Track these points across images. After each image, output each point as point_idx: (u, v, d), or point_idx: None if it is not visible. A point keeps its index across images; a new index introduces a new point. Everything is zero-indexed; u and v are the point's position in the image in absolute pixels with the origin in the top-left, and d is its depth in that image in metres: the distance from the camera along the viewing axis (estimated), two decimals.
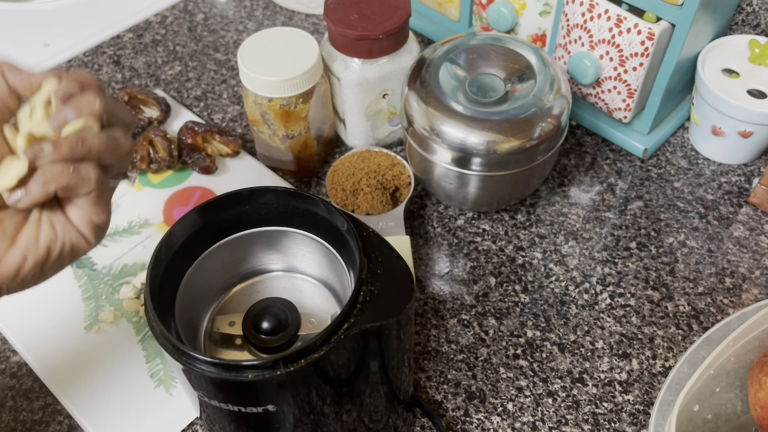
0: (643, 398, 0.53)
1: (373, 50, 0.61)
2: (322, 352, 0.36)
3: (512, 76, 0.59)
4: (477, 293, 0.60)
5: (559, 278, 0.60)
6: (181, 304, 0.43)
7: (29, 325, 0.58)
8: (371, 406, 0.44)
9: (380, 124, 0.68)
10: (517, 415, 0.53)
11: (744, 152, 0.67)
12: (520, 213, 0.65)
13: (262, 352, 0.44)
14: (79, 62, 0.80)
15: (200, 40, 0.83)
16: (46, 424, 0.53)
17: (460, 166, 0.58)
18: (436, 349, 0.56)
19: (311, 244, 0.46)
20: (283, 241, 0.47)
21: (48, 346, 0.57)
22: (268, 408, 0.38)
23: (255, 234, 0.46)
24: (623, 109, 0.67)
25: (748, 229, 0.63)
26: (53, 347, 0.57)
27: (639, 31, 0.61)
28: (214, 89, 0.77)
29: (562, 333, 0.57)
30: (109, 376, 0.55)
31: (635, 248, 0.62)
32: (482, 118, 0.56)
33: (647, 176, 0.68)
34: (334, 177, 0.64)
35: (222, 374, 0.36)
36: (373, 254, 0.41)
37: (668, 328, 0.57)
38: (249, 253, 0.47)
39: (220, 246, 0.45)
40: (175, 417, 0.53)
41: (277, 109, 0.61)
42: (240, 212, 0.45)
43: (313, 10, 0.85)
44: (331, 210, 0.42)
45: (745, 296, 0.59)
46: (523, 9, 0.70)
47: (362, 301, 0.38)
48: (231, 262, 0.47)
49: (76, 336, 0.57)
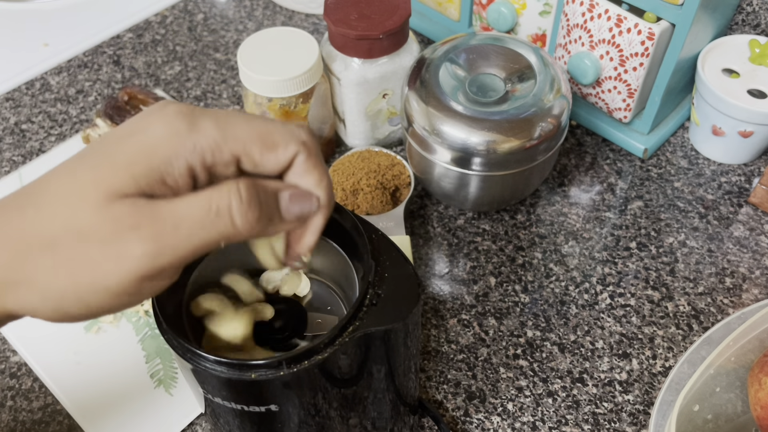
0: (643, 398, 0.53)
1: (373, 50, 0.61)
2: (327, 353, 0.36)
3: (512, 76, 0.59)
4: (477, 293, 0.60)
5: (559, 278, 0.60)
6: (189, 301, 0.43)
7: (29, 325, 0.58)
8: (376, 410, 0.44)
9: (380, 124, 0.68)
10: (517, 415, 0.53)
11: (744, 152, 0.67)
12: (520, 213, 0.65)
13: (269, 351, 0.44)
14: (79, 62, 0.80)
15: (200, 40, 0.83)
16: (46, 424, 0.53)
17: (460, 166, 0.58)
18: (436, 349, 0.56)
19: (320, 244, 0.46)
20: None
21: (48, 346, 0.57)
22: (270, 408, 0.38)
23: None
24: (623, 109, 0.67)
25: (748, 229, 0.64)
26: (53, 347, 0.57)
27: (639, 31, 0.61)
28: (214, 89, 0.77)
29: (562, 333, 0.57)
30: (109, 376, 0.55)
31: (635, 248, 0.62)
32: (482, 118, 0.56)
33: (647, 176, 0.68)
34: (334, 177, 0.64)
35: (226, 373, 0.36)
36: (381, 257, 0.40)
37: (668, 328, 0.57)
38: None
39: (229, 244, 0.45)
40: (175, 417, 0.53)
41: (277, 109, 0.61)
42: None
43: (313, 10, 0.85)
44: (340, 211, 0.42)
45: (745, 296, 0.59)
46: (523, 9, 0.70)
47: (368, 304, 0.38)
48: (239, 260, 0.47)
49: (76, 336, 0.57)
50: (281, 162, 0.33)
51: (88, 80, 0.78)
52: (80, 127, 0.74)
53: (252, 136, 0.32)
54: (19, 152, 0.71)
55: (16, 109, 0.76)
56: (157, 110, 0.31)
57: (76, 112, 0.75)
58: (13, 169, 0.70)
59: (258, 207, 0.31)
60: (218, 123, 0.31)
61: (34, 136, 0.73)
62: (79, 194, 0.29)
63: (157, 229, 0.29)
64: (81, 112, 0.75)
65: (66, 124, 0.74)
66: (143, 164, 0.30)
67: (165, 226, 0.30)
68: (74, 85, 0.78)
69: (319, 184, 0.34)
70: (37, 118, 0.75)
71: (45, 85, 0.78)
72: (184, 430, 0.52)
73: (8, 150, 0.71)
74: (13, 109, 0.76)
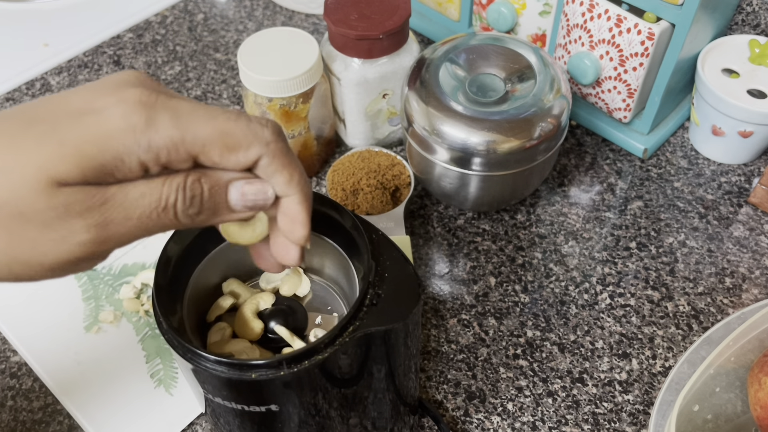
0: (643, 398, 0.53)
1: (373, 50, 0.61)
2: (327, 353, 0.36)
3: (512, 76, 0.59)
4: (477, 293, 0.60)
5: (559, 278, 0.60)
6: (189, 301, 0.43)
7: (29, 325, 0.58)
8: (376, 410, 0.44)
9: (380, 124, 0.68)
10: (517, 415, 0.53)
11: (744, 152, 0.67)
12: (520, 213, 0.65)
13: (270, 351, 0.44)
14: (79, 62, 0.80)
15: (200, 40, 0.83)
16: (46, 424, 0.53)
17: (460, 166, 0.58)
18: (436, 349, 0.56)
19: (321, 244, 0.46)
20: None
21: (48, 346, 0.57)
22: (271, 408, 0.38)
23: None
24: (623, 109, 0.67)
25: (748, 229, 0.64)
26: (53, 347, 0.57)
27: (639, 31, 0.61)
28: (214, 89, 0.77)
29: (562, 333, 0.57)
30: (109, 376, 0.55)
31: (635, 248, 0.62)
32: (482, 118, 0.56)
33: (647, 176, 0.68)
34: (334, 177, 0.64)
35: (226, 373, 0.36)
36: (381, 257, 0.40)
37: (668, 328, 0.57)
38: None
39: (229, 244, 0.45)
40: (175, 417, 0.53)
41: (277, 109, 0.61)
42: None
43: (313, 10, 0.85)
44: (340, 211, 0.42)
45: (745, 296, 0.59)
46: (523, 9, 0.70)
47: (368, 304, 0.38)
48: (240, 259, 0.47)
49: (76, 336, 0.57)
50: (242, 163, 0.32)
51: (88, 80, 0.78)
52: None
53: (213, 136, 0.31)
54: None
55: None
56: (116, 88, 0.30)
57: None
58: None
59: (199, 205, 0.32)
60: (178, 121, 0.30)
61: None
62: (22, 173, 0.28)
63: (106, 218, 0.29)
64: None
65: None
66: (93, 156, 0.29)
67: (114, 216, 0.30)
68: (74, 85, 0.78)
69: (289, 183, 0.33)
70: None
71: (45, 85, 0.78)
72: (184, 430, 0.52)
73: None
74: None
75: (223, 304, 0.46)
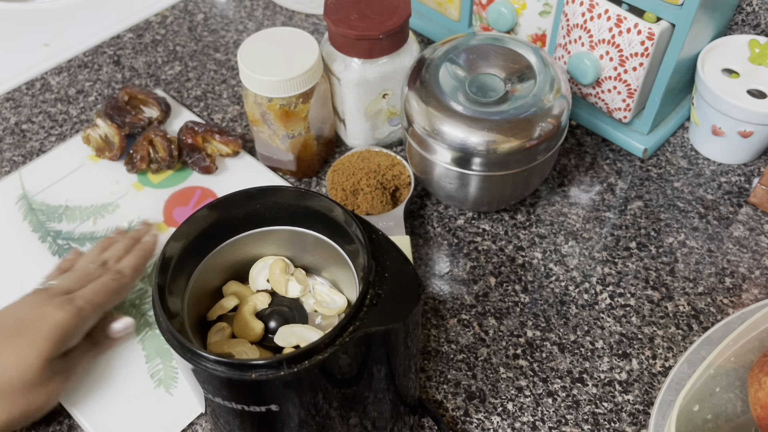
0: (643, 398, 0.53)
1: (373, 50, 0.61)
2: (327, 353, 0.36)
3: (512, 76, 0.59)
4: (477, 293, 0.60)
5: (559, 278, 0.60)
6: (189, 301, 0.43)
7: None
8: (376, 410, 0.44)
9: (380, 124, 0.68)
10: (517, 415, 0.53)
11: (744, 152, 0.67)
12: (520, 213, 0.65)
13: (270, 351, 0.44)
14: (79, 62, 0.80)
15: (200, 40, 0.83)
16: (46, 424, 0.53)
17: (460, 166, 0.58)
18: (436, 349, 0.56)
19: (321, 244, 0.46)
20: (292, 241, 0.47)
21: None
22: (271, 408, 0.38)
23: (264, 233, 0.46)
24: (623, 109, 0.67)
25: (748, 229, 0.64)
26: None
27: (639, 31, 0.61)
28: (214, 89, 0.77)
29: (562, 333, 0.57)
30: (109, 376, 0.55)
31: (635, 248, 0.62)
32: (482, 118, 0.56)
33: (647, 176, 0.68)
34: (334, 177, 0.64)
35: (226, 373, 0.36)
36: (381, 257, 0.40)
37: (668, 328, 0.57)
38: (258, 252, 0.48)
39: (230, 244, 0.45)
40: (175, 417, 0.53)
41: (277, 109, 0.61)
42: (250, 211, 0.45)
43: (313, 10, 0.85)
44: (341, 211, 0.42)
45: (745, 296, 0.59)
46: (523, 9, 0.70)
47: (368, 304, 0.38)
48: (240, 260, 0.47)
49: None
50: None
51: (88, 80, 0.78)
52: (80, 127, 0.74)
53: None
54: (20, 152, 0.71)
55: (16, 109, 0.76)
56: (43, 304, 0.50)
57: (77, 112, 0.75)
58: (13, 169, 0.70)
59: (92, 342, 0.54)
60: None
61: (34, 136, 0.73)
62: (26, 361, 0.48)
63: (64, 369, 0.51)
64: (81, 112, 0.75)
65: (66, 124, 0.74)
66: (57, 343, 0.49)
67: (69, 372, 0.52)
68: (74, 85, 0.78)
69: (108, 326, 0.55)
70: (37, 118, 0.75)
71: (45, 85, 0.78)
72: (184, 430, 0.52)
73: (8, 150, 0.72)
74: (14, 109, 0.76)
75: (226, 304, 0.46)
